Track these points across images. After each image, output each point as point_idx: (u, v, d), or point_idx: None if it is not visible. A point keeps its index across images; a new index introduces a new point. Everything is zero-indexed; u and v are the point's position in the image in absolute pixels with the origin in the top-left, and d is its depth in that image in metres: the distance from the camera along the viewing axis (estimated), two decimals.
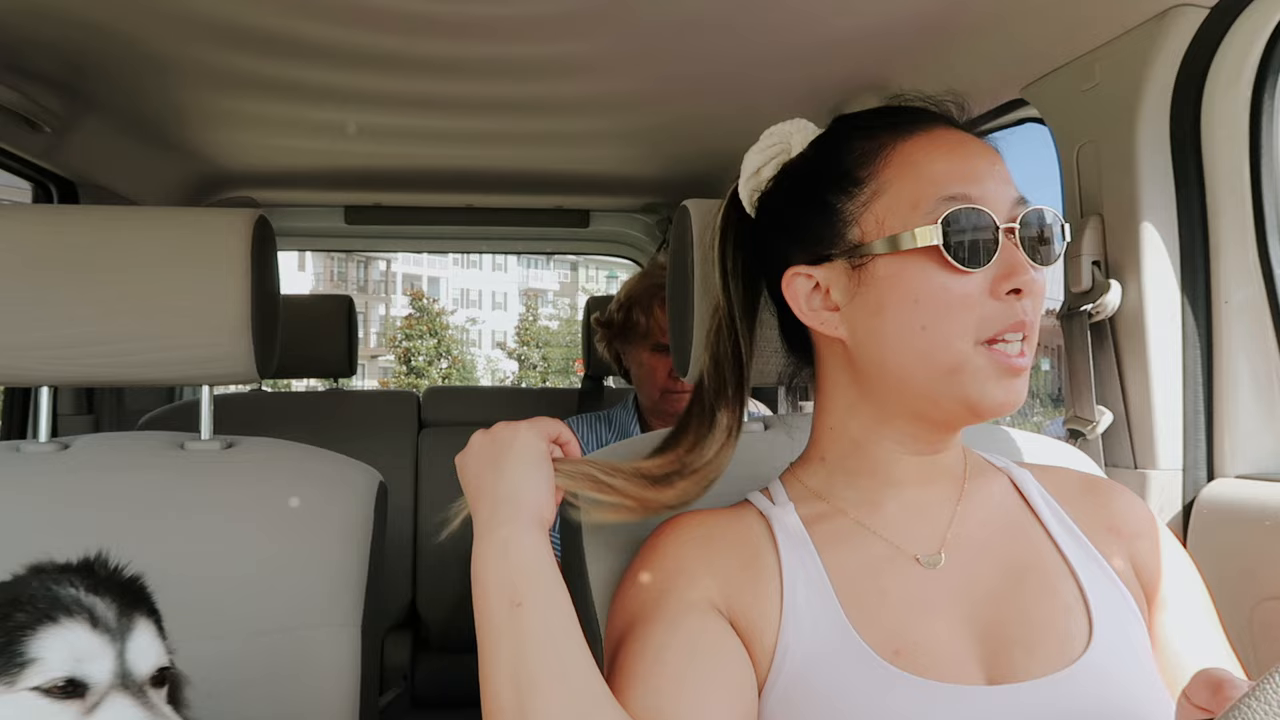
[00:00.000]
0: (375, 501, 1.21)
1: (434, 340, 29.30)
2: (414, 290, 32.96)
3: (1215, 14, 1.27)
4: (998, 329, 0.81)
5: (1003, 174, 0.86)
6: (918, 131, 0.86)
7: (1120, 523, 0.91)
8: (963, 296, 0.81)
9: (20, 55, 1.69)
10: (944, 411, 0.85)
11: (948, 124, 0.88)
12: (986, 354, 0.82)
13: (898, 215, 0.83)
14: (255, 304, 1.18)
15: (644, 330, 2.11)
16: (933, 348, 0.82)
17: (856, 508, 0.89)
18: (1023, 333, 0.82)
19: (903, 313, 0.83)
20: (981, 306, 0.82)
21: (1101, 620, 0.82)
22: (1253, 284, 1.34)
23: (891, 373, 0.86)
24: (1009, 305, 0.81)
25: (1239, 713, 0.49)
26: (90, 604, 0.74)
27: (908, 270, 0.83)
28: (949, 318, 0.82)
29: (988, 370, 0.82)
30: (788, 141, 0.95)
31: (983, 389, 0.82)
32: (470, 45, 1.70)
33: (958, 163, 0.84)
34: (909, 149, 0.85)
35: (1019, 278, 0.81)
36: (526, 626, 0.77)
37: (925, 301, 0.82)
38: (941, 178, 0.83)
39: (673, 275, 1.21)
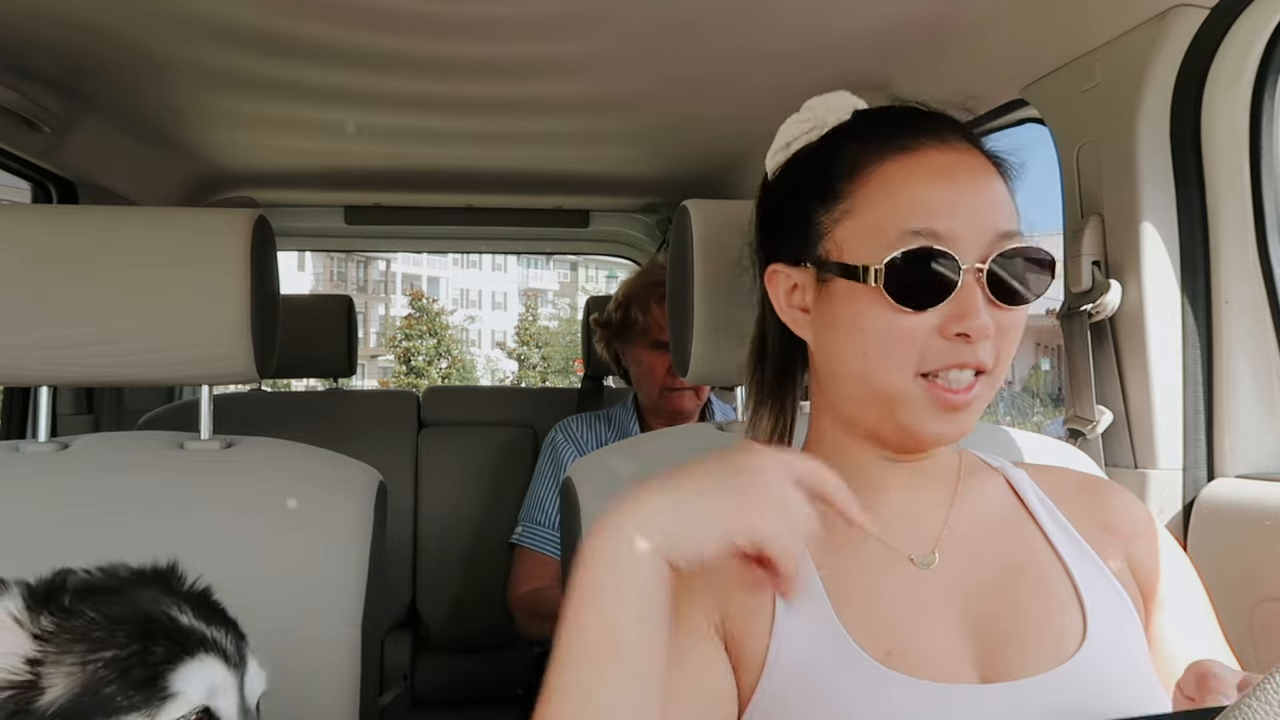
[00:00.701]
0: (375, 501, 1.21)
1: (434, 340, 29.30)
2: (414, 290, 32.95)
3: (1215, 14, 1.27)
4: (938, 366, 0.80)
5: (991, 203, 0.83)
6: (906, 151, 0.83)
7: (1117, 522, 0.91)
8: (906, 332, 0.80)
9: (20, 55, 1.69)
10: (887, 435, 0.86)
11: (946, 141, 0.84)
12: (924, 387, 0.81)
13: (859, 240, 0.83)
14: (255, 304, 1.18)
15: (642, 328, 2.12)
16: (871, 374, 0.83)
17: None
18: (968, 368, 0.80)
19: (849, 335, 0.84)
20: (926, 343, 0.80)
21: (1096, 619, 0.82)
22: (1253, 284, 1.34)
23: (840, 387, 0.87)
24: (955, 346, 0.80)
25: (1239, 713, 0.49)
26: (214, 637, 0.77)
27: (857, 296, 0.82)
28: (889, 350, 0.81)
29: (924, 403, 0.81)
30: (823, 118, 0.92)
31: (919, 420, 0.82)
32: (470, 45, 1.70)
33: (935, 192, 0.81)
34: (890, 170, 0.83)
35: (968, 322, 0.79)
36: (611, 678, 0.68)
37: (868, 330, 0.82)
38: (910, 209, 0.81)
39: (673, 275, 1.21)
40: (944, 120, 0.87)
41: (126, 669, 0.70)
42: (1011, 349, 0.83)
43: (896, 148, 0.84)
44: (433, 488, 2.58)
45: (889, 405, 0.83)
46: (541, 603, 2.06)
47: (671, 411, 2.13)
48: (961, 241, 0.80)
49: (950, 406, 0.81)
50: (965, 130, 0.87)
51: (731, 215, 1.15)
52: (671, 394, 2.10)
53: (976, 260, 0.80)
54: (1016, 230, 0.83)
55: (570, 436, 2.20)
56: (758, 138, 1.00)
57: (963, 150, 0.84)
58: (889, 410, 0.83)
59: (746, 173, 2.49)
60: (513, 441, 2.61)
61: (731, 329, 1.13)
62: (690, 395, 2.11)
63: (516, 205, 3.12)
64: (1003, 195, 0.84)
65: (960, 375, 0.80)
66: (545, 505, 2.16)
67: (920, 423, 0.82)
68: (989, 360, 0.81)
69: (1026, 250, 0.82)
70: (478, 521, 2.55)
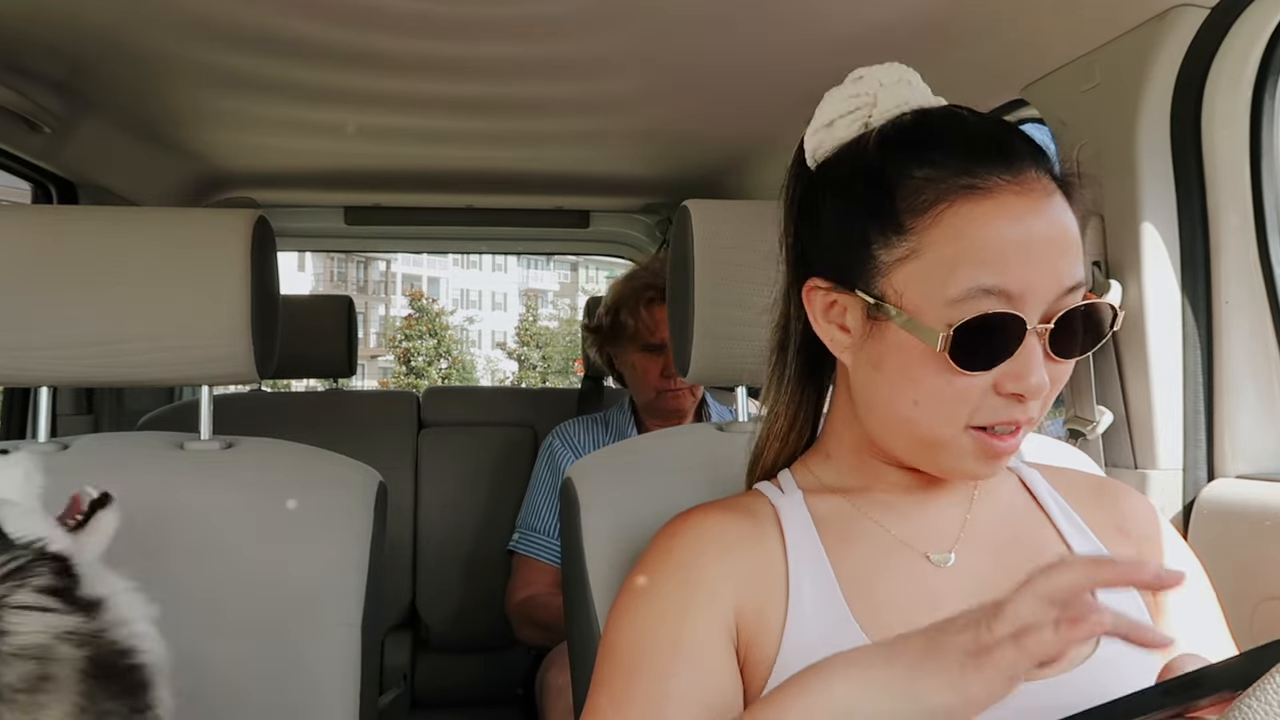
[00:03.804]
0: (375, 501, 1.21)
1: (434, 341, 29.30)
2: (414, 290, 32.94)
3: (1216, 14, 1.27)
4: (990, 421, 0.78)
5: (1062, 253, 0.77)
6: (979, 191, 0.76)
7: (1129, 524, 0.91)
8: (962, 390, 0.77)
9: (20, 56, 1.69)
10: (920, 465, 0.85)
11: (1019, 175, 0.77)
12: (973, 437, 0.79)
13: (925, 290, 0.77)
14: (255, 304, 1.18)
15: (632, 332, 2.12)
16: (919, 423, 0.80)
17: (866, 504, 0.88)
18: (1020, 426, 0.78)
19: (900, 382, 0.80)
20: (981, 400, 0.78)
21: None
22: (1253, 284, 1.34)
23: (877, 423, 0.85)
24: (1008, 403, 0.77)
25: (1239, 713, 0.49)
26: None
27: (914, 348, 0.78)
28: (942, 405, 0.79)
29: (970, 451, 0.80)
30: (874, 97, 0.84)
31: (961, 464, 0.81)
32: (470, 45, 1.70)
33: (1012, 250, 0.75)
34: (965, 214, 0.76)
35: (1025, 382, 0.75)
36: None
37: (923, 383, 0.78)
38: (984, 260, 0.75)
39: (673, 275, 1.21)
40: (1021, 143, 0.80)
41: None
42: (1055, 394, 0.81)
43: (969, 187, 0.76)
44: (433, 488, 2.58)
45: (932, 450, 0.81)
46: (535, 611, 2.06)
47: (667, 412, 2.13)
48: (1029, 299, 0.76)
49: (995, 454, 0.79)
50: (1040, 151, 0.81)
51: (731, 215, 1.16)
52: (665, 395, 2.10)
53: (1040, 319, 0.76)
54: (1082, 281, 0.79)
55: (567, 442, 2.20)
56: (758, 138, 1.00)
57: (1039, 185, 0.78)
58: (931, 454, 0.82)
59: (746, 173, 2.49)
60: (513, 442, 2.61)
61: (731, 329, 1.13)
62: (685, 395, 2.11)
63: (516, 205, 3.12)
64: (1073, 237, 0.79)
65: (1008, 427, 0.79)
66: (542, 512, 2.16)
67: (961, 467, 0.81)
68: (1038, 414, 0.79)
69: (1089, 304, 0.79)
70: (477, 522, 2.55)
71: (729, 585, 0.83)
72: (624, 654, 0.82)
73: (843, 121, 0.85)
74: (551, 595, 2.05)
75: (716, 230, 1.14)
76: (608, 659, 0.83)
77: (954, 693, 0.61)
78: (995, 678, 0.60)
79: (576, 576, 1.07)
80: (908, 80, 0.85)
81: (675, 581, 0.84)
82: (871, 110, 0.84)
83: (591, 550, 1.06)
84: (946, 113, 0.84)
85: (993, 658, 0.60)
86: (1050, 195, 0.78)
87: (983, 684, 0.61)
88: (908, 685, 0.62)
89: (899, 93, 0.84)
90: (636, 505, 1.07)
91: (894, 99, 0.84)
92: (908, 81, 0.85)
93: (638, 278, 2.16)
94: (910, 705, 0.62)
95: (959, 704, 0.61)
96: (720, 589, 0.83)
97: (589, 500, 1.10)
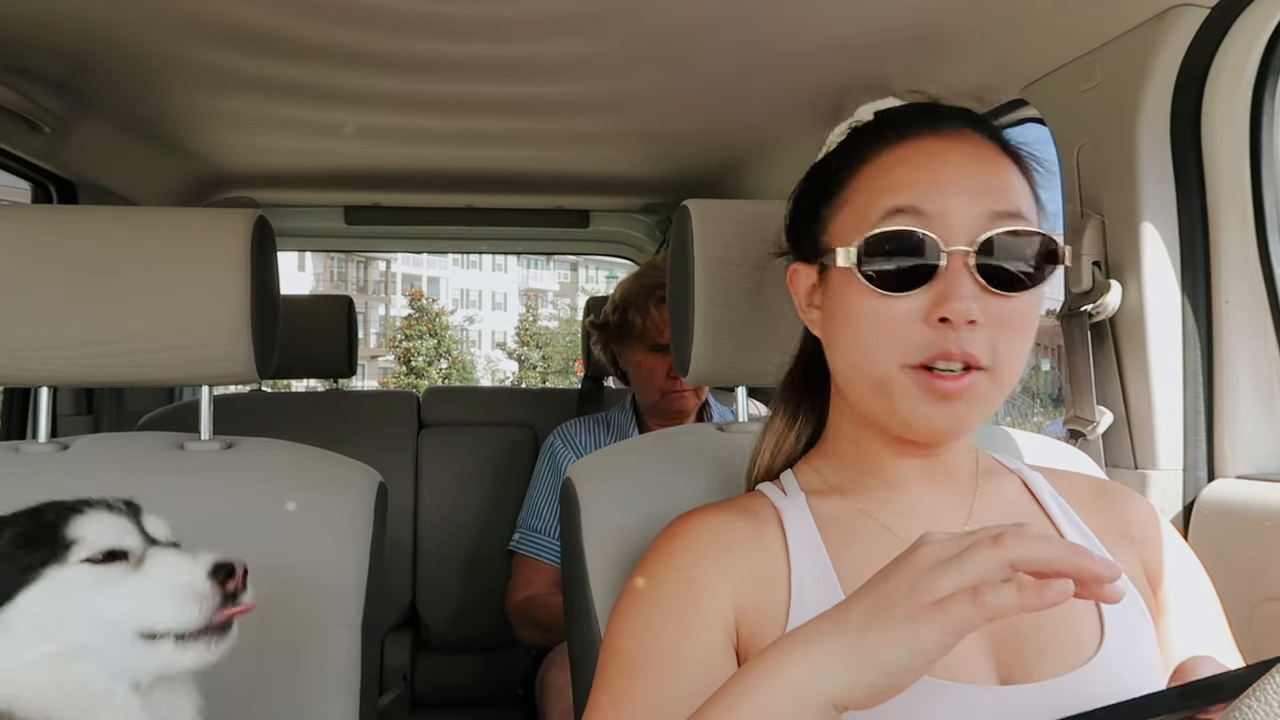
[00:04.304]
0: (375, 501, 1.21)
1: (434, 341, 29.29)
2: (414, 290, 32.94)
3: (1215, 14, 1.27)
4: (924, 357, 0.77)
5: (986, 183, 0.79)
6: (903, 139, 0.82)
7: (1131, 527, 0.91)
8: (889, 319, 0.78)
9: (20, 56, 1.69)
10: (890, 425, 0.83)
11: (946, 129, 0.82)
12: (913, 375, 0.79)
13: (850, 227, 0.82)
14: (255, 304, 1.18)
15: (639, 331, 2.11)
16: (862, 363, 0.82)
17: (869, 503, 0.88)
18: (958, 363, 0.77)
19: (843, 325, 0.83)
20: (909, 331, 0.78)
21: (1112, 623, 0.82)
22: (1253, 284, 1.34)
23: (843, 380, 0.87)
24: (940, 334, 0.77)
25: (1239, 713, 0.48)
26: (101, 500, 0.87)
27: (848, 285, 0.81)
28: (874, 338, 0.80)
29: (914, 391, 0.79)
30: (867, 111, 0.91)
31: (911, 408, 0.80)
32: (470, 45, 1.70)
33: (923, 173, 0.79)
34: (885, 159, 0.82)
35: (949, 306, 0.75)
36: None
37: (856, 318, 0.81)
38: (894, 189, 0.79)
39: (673, 275, 1.21)
40: (953, 111, 0.85)
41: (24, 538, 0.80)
42: (1018, 345, 0.79)
43: (896, 136, 0.83)
44: (433, 488, 2.58)
45: (883, 393, 0.82)
46: (535, 610, 2.06)
47: (671, 412, 2.13)
48: (948, 222, 0.77)
49: (941, 394, 0.78)
50: (976, 120, 0.84)
51: (731, 215, 1.15)
52: (671, 396, 2.10)
53: (964, 242, 0.77)
54: (1017, 210, 0.79)
55: (569, 441, 2.20)
56: (758, 138, 1.01)
57: (966, 138, 0.82)
58: (884, 398, 0.82)
59: (746, 173, 2.49)
60: (513, 442, 2.61)
61: (732, 329, 1.13)
62: (690, 396, 2.10)
63: (516, 205, 3.12)
64: (1006, 178, 0.81)
65: (947, 364, 0.77)
66: (543, 512, 2.16)
67: (913, 410, 0.80)
68: (980, 353, 0.77)
69: (1025, 232, 0.78)
70: (478, 522, 2.55)
71: (730, 586, 0.83)
72: (625, 656, 0.82)
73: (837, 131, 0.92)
74: (552, 595, 2.05)
75: (716, 230, 1.14)
76: (609, 660, 0.83)
77: (904, 649, 0.60)
78: (945, 630, 0.59)
79: (576, 577, 1.07)
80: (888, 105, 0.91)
81: (676, 583, 0.84)
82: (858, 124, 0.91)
83: (591, 550, 1.06)
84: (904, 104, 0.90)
85: (945, 609, 0.59)
86: (977, 145, 0.81)
87: (932, 636, 0.59)
88: (860, 649, 0.61)
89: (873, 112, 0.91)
90: (636, 505, 1.07)
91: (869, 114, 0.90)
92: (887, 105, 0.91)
93: (647, 276, 2.15)
94: (868, 671, 0.61)
95: (909, 660, 0.60)
96: (721, 590, 0.83)
97: (589, 500, 1.10)
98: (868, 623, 0.62)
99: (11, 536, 0.80)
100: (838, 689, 0.61)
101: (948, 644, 0.60)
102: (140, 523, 0.87)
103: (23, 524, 0.82)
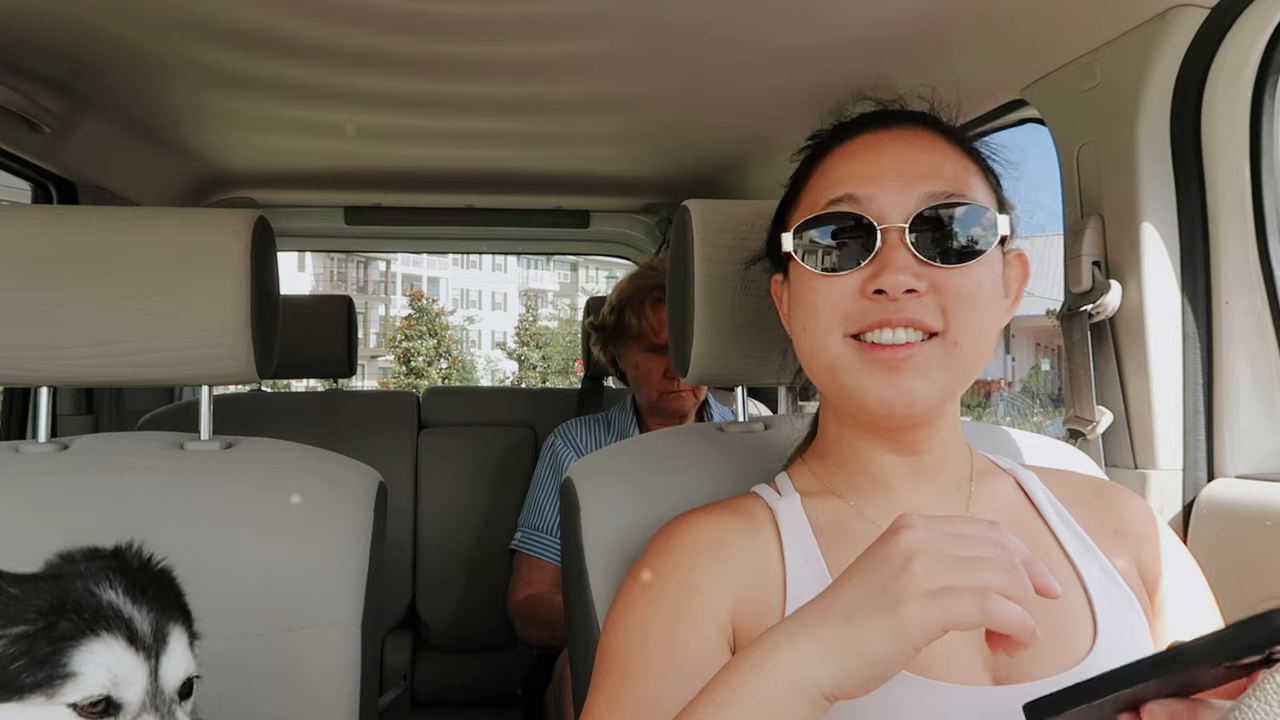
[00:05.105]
0: (375, 501, 1.21)
1: (434, 341, 29.30)
2: (413, 290, 32.95)
3: (1215, 14, 1.27)
4: (861, 326, 0.81)
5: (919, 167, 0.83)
6: (849, 138, 0.87)
7: (1125, 526, 0.91)
8: (828, 298, 0.83)
9: (20, 56, 1.69)
10: (854, 410, 0.86)
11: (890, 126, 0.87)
12: (855, 348, 0.82)
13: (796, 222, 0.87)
14: (255, 304, 1.18)
15: (637, 331, 2.11)
16: (812, 348, 0.85)
17: (862, 504, 0.89)
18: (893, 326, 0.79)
19: (797, 314, 0.87)
20: (849, 305, 0.82)
21: (1105, 622, 0.83)
22: (1253, 284, 1.34)
23: (808, 372, 0.90)
24: (878, 304, 0.80)
25: (1239, 713, 0.49)
26: (129, 615, 0.74)
27: (795, 276, 0.87)
28: (817, 318, 0.84)
29: (857, 362, 0.82)
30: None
31: (858, 382, 0.82)
32: (470, 45, 1.70)
33: (860, 164, 0.84)
34: (831, 159, 0.88)
35: (883, 278, 0.80)
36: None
37: (804, 302, 0.85)
38: (837, 183, 0.84)
39: (673, 275, 1.21)
40: (907, 114, 0.89)
41: (32, 645, 0.69)
42: (970, 312, 0.81)
43: (844, 137, 0.88)
44: (433, 488, 2.58)
45: (831, 373, 0.84)
46: (537, 609, 2.06)
47: (670, 412, 2.13)
48: (882, 204, 0.82)
49: (884, 364, 0.80)
50: (928, 119, 0.88)
51: (731, 215, 1.15)
52: (668, 396, 2.10)
53: (899, 220, 0.81)
54: (951, 192, 0.82)
55: (569, 441, 2.20)
56: (758, 138, 1.01)
57: (909, 130, 0.86)
58: (833, 378, 0.84)
59: (746, 173, 2.49)
60: (513, 442, 2.61)
61: (731, 329, 1.13)
62: (688, 396, 2.11)
63: (517, 205, 3.12)
64: (944, 161, 0.84)
65: (890, 334, 0.80)
66: (544, 511, 2.16)
67: (860, 385, 0.82)
68: (927, 317, 0.80)
69: (955, 204, 0.81)
70: (478, 522, 2.56)
71: (726, 587, 0.84)
72: (621, 656, 0.82)
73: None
74: (554, 593, 2.05)
75: (716, 230, 1.14)
76: (605, 661, 0.84)
77: (892, 637, 0.60)
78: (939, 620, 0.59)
79: (577, 575, 1.07)
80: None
81: (672, 584, 0.84)
82: None
83: (592, 549, 1.06)
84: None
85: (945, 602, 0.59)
86: (920, 135, 0.85)
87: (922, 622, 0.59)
88: (847, 639, 0.61)
89: None
90: (636, 505, 1.08)
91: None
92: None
93: (643, 277, 2.15)
94: (855, 660, 0.61)
95: (897, 647, 0.60)
96: (716, 591, 0.83)
97: (589, 500, 1.10)
98: (853, 611, 0.62)
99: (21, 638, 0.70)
100: (826, 678, 0.62)
101: (935, 634, 0.60)
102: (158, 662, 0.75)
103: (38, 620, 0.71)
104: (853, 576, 0.64)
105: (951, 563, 0.61)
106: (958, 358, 0.81)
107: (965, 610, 0.59)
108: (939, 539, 0.62)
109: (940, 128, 0.88)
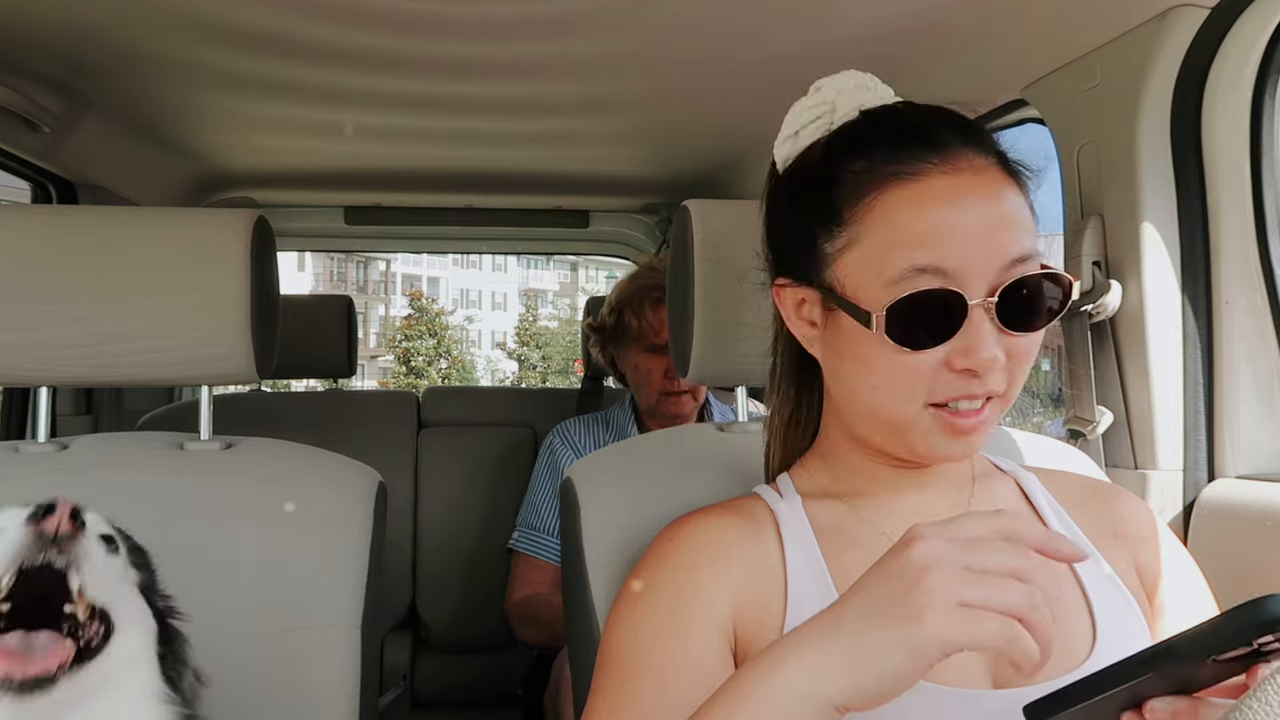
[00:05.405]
0: (375, 501, 1.21)
1: (433, 341, 29.30)
2: (413, 290, 32.95)
3: (1216, 14, 1.27)
4: (947, 397, 0.79)
5: (1001, 228, 0.78)
6: (912, 176, 0.78)
7: (1125, 527, 0.91)
8: (912, 368, 0.78)
9: (20, 55, 1.69)
10: (896, 453, 0.85)
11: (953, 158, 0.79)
12: (934, 415, 0.80)
13: (863, 276, 0.80)
14: (255, 304, 1.18)
15: (636, 332, 2.11)
16: (879, 406, 0.82)
17: (864, 508, 0.89)
18: (975, 398, 0.78)
19: (857, 368, 0.82)
20: (934, 378, 0.78)
21: (1105, 625, 0.82)
22: (1253, 284, 1.34)
23: (849, 413, 0.87)
24: (963, 379, 0.78)
25: (1239, 713, 0.49)
26: None
27: (863, 331, 0.79)
28: (896, 385, 0.80)
29: (934, 430, 0.80)
30: (833, 105, 0.87)
31: (930, 445, 0.81)
32: (470, 45, 1.70)
33: (939, 223, 0.77)
34: (895, 199, 0.78)
35: (975, 357, 0.76)
36: None
37: (876, 366, 0.80)
38: (913, 243, 0.77)
39: (673, 275, 1.21)
40: (952, 130, 0.82)
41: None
42: (1025, 371, 0.81)
43: (898, 173, 0.79)
44: (433, 488, 2.58)
45: (899, 432, 0.82)
46: (535, 609, 2.06)
47: (668, 417, 2.12)
48: (969, 275, 0.76)
49: (959, 431, 0.80)
50: (976, 135, 0.82)
51: (731, 215, 1.15)
52: (668, 398, 2.09)
53: (985, 294, 0.77)
54: (1030, 253, 0.79)
55: (568, 440, 2.20)
56: (758, 138, 1.01)
57: (970, 166, 0.79)
58: (899, 436, 0.83)
59: (746, 173, 2.48)
60: (513, 442, 2.61)
61: (731, 329, 1.13)
62: (688, 398, 2.10)
63: (516, 205, 3.12)
64: (1015, 214, 0.79)
65: (970, 403, 0.79)
66: (542, 511, 2.16)
67: (930, 447, 0.82)
68: (1000, 387, 0.79)
69: (1039, 275, 0.79)
70: (477, 522, 2.55)
71: (726, 589, 0.83)
72: (621, 659, 0.82)
73: (806, 130, 0.89)
74: (552, 593, 2.05)
75: (716, 230, 1.14)
76: (605, 663, 0.84)
77: (906, 651, 0.60)
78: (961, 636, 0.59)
79: (576, 576, 1.07)
80: (866, 86, 0.88)
81: (672, 586, 0.84)
82: (832, 117, 0.87)
83: (591, 550, 1.06)
84: (887, 109, 0.86)
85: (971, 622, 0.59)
86: (981, 173, 0.80)
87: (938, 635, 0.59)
88: (858, 652, 0.61)
89: (856, 98, 0.87)
90: (636, 505, 1.07)
91: (852, 104, 0.87)
92: (866, 87, 0.88)
93: (642, 277, 2.15)
94: (865, 674, 0.61)
95: (911, 662, 0.60)
96: (717, 593, 0.83)
97: (589, 500, 1.10)
98: (864, 624, 0.62)
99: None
100: (835, 691, 0.61)
101: (952, 651, 0.59)
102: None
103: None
104: (863, 589, 0.64)
105: (968, 576, 0.60)
106: (1005, 410, 0.83)
107: (989, 634, 0.59)
108: (953, 550, 0.61)
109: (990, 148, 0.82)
